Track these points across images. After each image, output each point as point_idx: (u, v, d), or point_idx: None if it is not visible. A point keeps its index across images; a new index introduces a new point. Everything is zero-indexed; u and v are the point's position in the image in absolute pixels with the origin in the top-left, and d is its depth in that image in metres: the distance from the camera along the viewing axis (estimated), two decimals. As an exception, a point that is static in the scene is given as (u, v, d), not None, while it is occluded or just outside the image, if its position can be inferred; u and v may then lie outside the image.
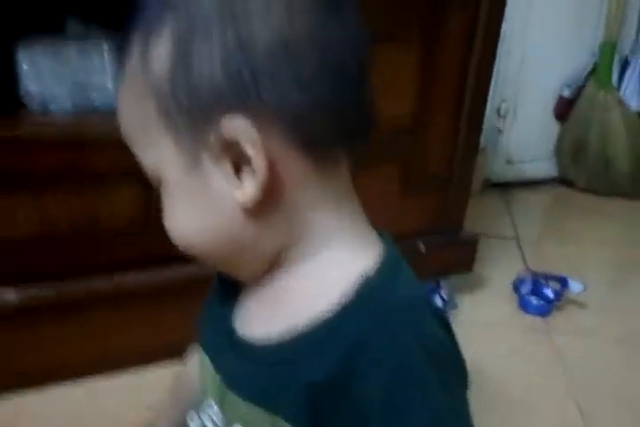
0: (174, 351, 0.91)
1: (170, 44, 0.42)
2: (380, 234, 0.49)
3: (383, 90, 0.53)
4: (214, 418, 0.51)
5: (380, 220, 0.96)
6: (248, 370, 0.48)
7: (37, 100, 0.91)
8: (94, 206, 0.92)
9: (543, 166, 2.29)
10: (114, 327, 0.96)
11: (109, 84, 0.94)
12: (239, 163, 0.42)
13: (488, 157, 2.13)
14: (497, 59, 1.95)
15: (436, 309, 0.49)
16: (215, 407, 0.51)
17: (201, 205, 0.44)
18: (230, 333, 0.50)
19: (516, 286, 1.43)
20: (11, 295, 0.86)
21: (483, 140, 2.03)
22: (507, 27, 1.96)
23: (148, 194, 0.91)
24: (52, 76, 0.91)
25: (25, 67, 0.89)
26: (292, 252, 0.46)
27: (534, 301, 1.38)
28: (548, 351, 1.26)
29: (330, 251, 0.46)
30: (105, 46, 0.94)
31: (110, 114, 0.91)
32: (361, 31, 0.45)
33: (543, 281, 1.41)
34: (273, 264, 0.47)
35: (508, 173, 2.22)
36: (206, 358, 0.53)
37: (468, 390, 0.47)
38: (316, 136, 0.43)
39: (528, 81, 2.11)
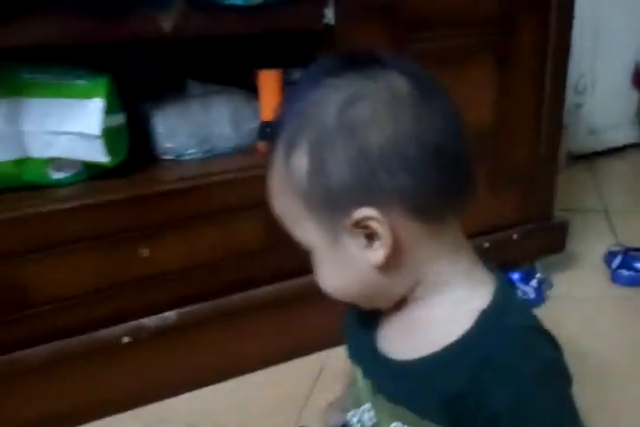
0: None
1: (305, 154, 0.56)
2: (492, 270, 0.63)
3: (466, 99, 0.65)
4: (368, 416, 0.67)
5: (473, 217, 1.10)
6: (393, 381, 0.63)
7: (173, 153, 1.10)
8: (227, 234, 1.08)
9: (625, 134, 2.34)
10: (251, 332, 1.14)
11: (228, 132, 1.11)
12: (370, 236, 0.56)
13: (570, 132, 2.21)
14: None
15: (545, 331, 0.60)
16: (369, 407, 0.67)
17: (344, 266, 0.59)
18: (374, 350, 0.65)
19: (608, 261, 1.51)
20: (172, 316, 1.05)
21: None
22: (577, 6, 2.03)
23: (269, 222, 1.08)
24: (182, 132, 1.09)
25: (160, 129, 1.07)
26: (419, 291, 0.60)
27: (625, 273, 1.46)
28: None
29: (451, 289, 0.60)
30: (221, 100, 1.11)
31: (231, 156, 1.09)
32: (453, 117, 0.58)
33: (634, 253, 1.50)
34: (405, 298, 0.61)
35: (591, 144, 2.28)
36: (356, 367, 0.70)
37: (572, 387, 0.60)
38: (427, 207, 0.57)
39: (603, 54, 2.17)
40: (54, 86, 0.95)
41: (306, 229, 0.59)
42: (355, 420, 0.71)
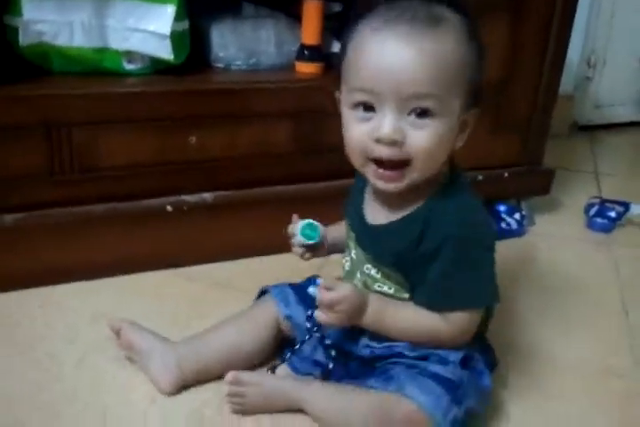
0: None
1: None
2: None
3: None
4: (351, 261, 0.92)
5: (473, 154, 1.31)
6: (369, 238, 0.87)
7: (223, 62, 1.30)
8: (263, 135, 1.26)
9: (630, 111, 2.48)
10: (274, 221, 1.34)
11: (272, 51, 1.31)
12: (464, 124, 0.80)
13: (576, 103, 2.38)
14: (587, 14, 2.21)
15: (485, 214, 0.86)
16: (352, 253, 0.90)
17: (448, 136, 0.79)
18: (362, 217, 0.89)
19: (586, 210, 1.67)
20: (209, 197, 1.26)
21: (572, 87, 2.29)
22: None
23: (299, 127, 1.29)
24: (233, 45, 1.29)
25: (216, 39, 1.27)
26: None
27: (599, 220, 1.63)
28: (608, 258, 1.50)
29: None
30: (269, 23, 1.31)
31: (272, 71, 1.26)
32: None
33: (609, 205, 1.67)
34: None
35: (596, 117, 2.43)
36: (348, 224, 0.92)
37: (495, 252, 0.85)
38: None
39: (617, 32, 2.29)
40: (137, -9, 1.14)
41: (455, 100, 0.78)
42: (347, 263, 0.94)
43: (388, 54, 0.74)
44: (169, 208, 1.21)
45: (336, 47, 1.37)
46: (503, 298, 0.88)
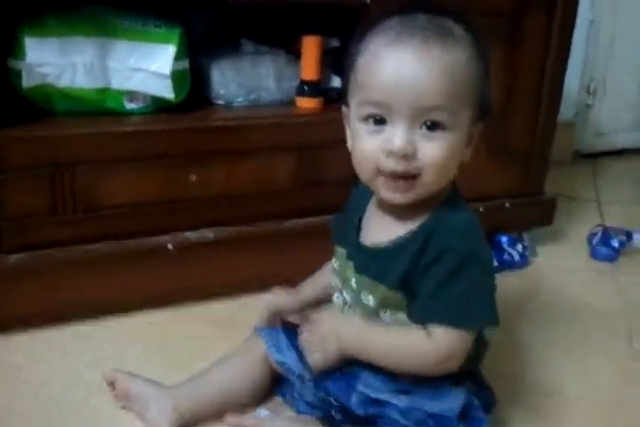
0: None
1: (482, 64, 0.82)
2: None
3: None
4: (350, 290, 0.89)
5: (474, 184, 1.31)
6: (369, 262, 0.86)
7: (224, 99, 1.31)
8: (264, 170, 1.27)
9: (631, 137, 2.49)
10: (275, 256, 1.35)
11: (272, 86, 1.33)
12: (471, 138, 0.81)
13: (577, 131, 2.39)
14: (586, 42, 2.23)
15: (481, 232, 0.85)
16: (353, 282, 0.88)
17: (457, 150, 0.80)
18: (357, 242, 0.88)
19: (589, 239, 1.68)
20: (209, 233, 1.27)
21: (572, 115, 2.30)
22: (595, 14, 2.22)
23: (299, 162, 1.30)
24: (234, 82, 1.30)
25: (216, 77, 1.29)
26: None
27: (603, 249, 1.63)
28: (612, 287, 1.50)
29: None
30: (269, 59, 1.33)
31: (273, 106, 1.28)
32: None
33: (612, 233, 1.67)
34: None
35: (597, 145, 2.44)
36: (342, 251, 0.91)
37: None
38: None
39: (616, 60, 2.31)
40: (138, 31, 1.16)
41: (465, 113, 0.79)
42: (338, 299, 0.93)
43: (401, 68, 0.75)
44: (170, 246, 1.21)
45: (335, 82, 1.39)
46: (507, 330, 0.87)
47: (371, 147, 0.79)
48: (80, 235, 1.16)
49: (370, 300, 0.86)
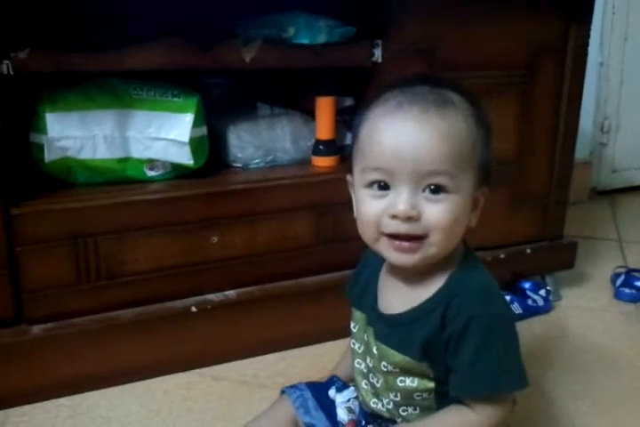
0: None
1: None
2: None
3: (493, 129, 0.84)
4: (371, 356, 0.89)
5: (494, 231, 1.31)
6: (388, 330, 0.86)
7: (242, 162, 1.33)
8: (283, 230, 1.29)
9: (648, 173, 2.51)
10: (298, 314, 1.35)
11: (288, 147, 1.35)
12: (476, 203, 0.82)
13: (594, 169, 2.40)
14: (597, 82, 2.25)
15: (499, 291, 0.85)
16: (374, 349, 0.88)
17: (462, 214, 0.80)
18: (373, 306, 0.88)
19: (613, 280, 1.68)
20: (233, 294, 1.28)
21: (587, 153, 2.31)
22: (604, 56, 2.25)
23: (318, 220, 1.31)
24: (250, 145, 1.33)
25: (233, 141, 1.31)
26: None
27: (627, 291, 1.62)
28: (638, 329, 1.49)
29: (447, 258, 0.83)
30: (284, 121, 1.36)
31: (289, 166, 1.30)
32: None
33: (635, 274, 1.67)
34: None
35: (614, 182, 2.45)
36: (360, 315, 0.91)
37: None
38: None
39: (628, 99, 2.34)
40: (156, 101, 1.19)
41: (467, 177, 0.80)
42: (360, 366, 0.93)
43: (402, 134, 0.77)
44: (193, 309, 1.23)
45: (350, 139, 1.41)
46: (532, 380, 0.85)
47: (374, 210, 0.79)
48: (103, 303, 1.18)
49: (393, 368, 0.85)
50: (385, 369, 0.86)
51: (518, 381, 0.82)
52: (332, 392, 0.96)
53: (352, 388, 0.97)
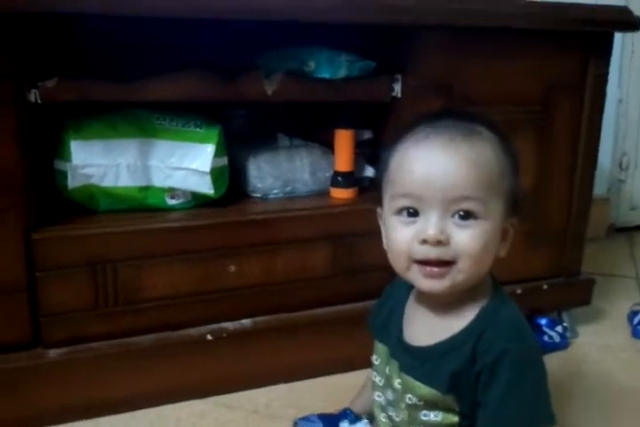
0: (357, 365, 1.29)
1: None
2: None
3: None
4: (393, 390, 0.89)
5: (510, 267, 1.32)
6: (414, 362, 0.86)
7: (261, 192, 1.35)
8: (301, 260, 1.30)
9: (667, 211, 2.49)
10: (312, 344, 1.36)
11: (307, 179, 1.37)
12: (506, 233, 0.83)
13: (612, 205, 2.39)
14: (615, 118, 2.26)
15: (527, 325, 0.85)
16: (396, 382, 0.89)
17: (492, 241, 0.81)
18: (399, 336, 0.88)
19: (630, 318, 1.66)
20: (249, 323, 1.28)
21: (605, 190, 2.31)
22: (623, 93, 2.25)
23: (335, 251, 1.32)
24: (270, 176, 1.34)
25: (253, 172, 1.33)
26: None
27: None
28: None
29: (475, 291, 0.84)
30: (304, 152, 1.38)
31: (308, 197, 1.31)
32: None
33: (653, 312, 1.67)
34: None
35: (633, 219, 2.44)
36: (383, 347, 0.91)
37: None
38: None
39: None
40: (178, 132, 1.21)
41: (496, 204, 0.81)
42: (379, 398, 0.92)
43: (431, 162, 0.79)
44: (209, 337, 1.23)
45: (369, 171, 1.42)
46: None
47: (405, 237, 0.81)
48: (120, 328, 1.19)
49: (418, 401, 0.85)
50: (409, 402, 0.86)
51: (546, 418, 0.81)
52: (344, 425, 0.97)
53: (365, 420, 0.97)
